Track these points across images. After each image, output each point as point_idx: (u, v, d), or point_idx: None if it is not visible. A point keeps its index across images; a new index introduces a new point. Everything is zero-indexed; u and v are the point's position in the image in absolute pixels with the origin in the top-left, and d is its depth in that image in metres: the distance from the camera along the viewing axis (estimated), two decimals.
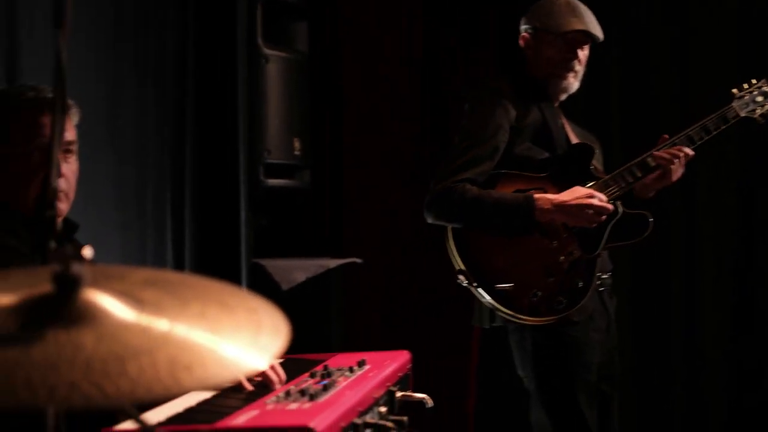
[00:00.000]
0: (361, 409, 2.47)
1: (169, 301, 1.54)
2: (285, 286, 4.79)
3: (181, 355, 1.40)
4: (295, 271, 4.92)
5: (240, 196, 4.91)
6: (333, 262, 5.13)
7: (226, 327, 1.50)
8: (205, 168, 4.86)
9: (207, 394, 2.63)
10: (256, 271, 4.87)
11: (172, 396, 1.37)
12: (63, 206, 2.83)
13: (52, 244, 1.96)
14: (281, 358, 3.12)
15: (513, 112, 3.84)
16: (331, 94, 5.53)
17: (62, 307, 1.45)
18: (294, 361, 3.06)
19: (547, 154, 3.87)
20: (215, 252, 4.85)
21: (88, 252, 1.51)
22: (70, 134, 2.85)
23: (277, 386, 2.68)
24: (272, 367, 2.75)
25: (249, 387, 2.69)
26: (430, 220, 3.79)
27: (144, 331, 1.44)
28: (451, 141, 3.87)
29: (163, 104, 4.66)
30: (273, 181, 5.00)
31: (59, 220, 2.82)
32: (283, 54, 5.07)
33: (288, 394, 2.48)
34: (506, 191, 3.78)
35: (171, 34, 4.72)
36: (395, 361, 3.00)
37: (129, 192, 4.38)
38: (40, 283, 1.52)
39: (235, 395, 2.61)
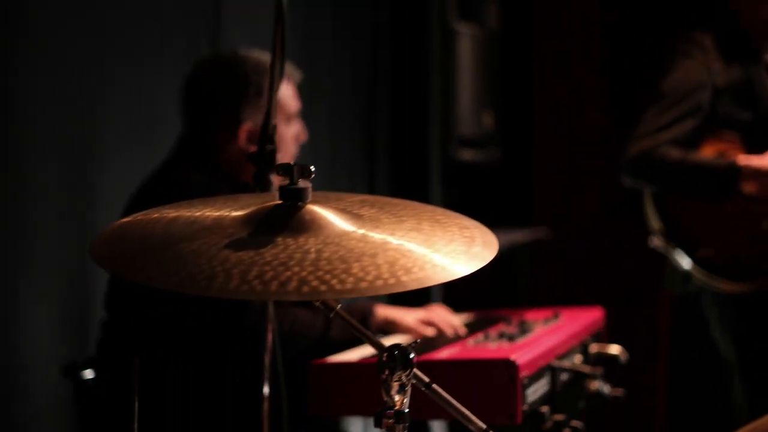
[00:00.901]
0: (558, 353, 2.52)
1: (385, 217, 1.64)
2: None
3: (400, 259, 1.50)
4: None
5: (431, 170, 5.00)
6: (522, 235, 5.18)
7: (440, 239, 1.58)
8: (397, 141, 4.97)
9: (406, 338, 2.73)
10: None
11: (391, 291, 1.45)
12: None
13: (273, 176, 2.10)
14: (474, 315, 3.20)
15: (716, 68, 3.69)
16: (522, 70, 5.57)
17: (289, 217, 1.57)
18: (488, 316, 3.13)
19: (750, 115, 3.76)
20: None
21: (311, 170, 1.62)
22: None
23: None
24: (447, 323, 2.81)
25: (450, 333, 2.76)
26: (627, 183, 3.71)
27: (364, 239, 1.54)
28: (648, 100, 3.79)
29: (357, 80, 4.79)
30: (464, 155, 5.08)
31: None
32: (474, 30, 5.15)
33: (487, 336, 2.56)
34: (708, 152, 3.68)
35: (365, 11, 4.84)
36: (589, 316, 3.04)
37: (323, 164, 4.51)
38: (267, 201, 1.64)
39: (434, 339, 2.70)
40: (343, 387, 2.32)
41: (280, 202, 1.60)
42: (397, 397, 1.59)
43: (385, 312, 2.79)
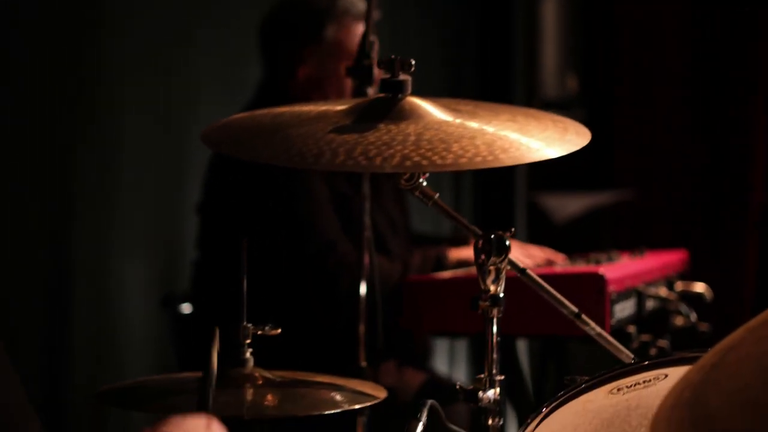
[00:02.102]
0: (645, 279, 2.57)
1: (481, 111, 1.71)
2: (559, 218, 4.91)
3: (497, 141, 1.57)
4: (570, 203, 5.03)
5: None
6: (605, 197, 5.21)
7: (534, 129, 1.65)
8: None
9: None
10: (532, 202, 4.99)
11: (489, 166, 1.51)
12: None
13: (369, 90, 2.18)
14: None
15: None
16: (605, 32, 5.59)
17: (390, 108, 1.64)
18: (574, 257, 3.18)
19: None
20: (492, 185, 4.99)
21: (411, 63, 1.70)
22: None
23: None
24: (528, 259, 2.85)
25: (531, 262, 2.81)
26: None
27: (462, 126, 1.61)
28: None
29: (442, 43, 4.83)
30: None
31: None
32: None
33: (574, 260, 2.61)
34: None
35: None
36: (674, 256, 3.07)
37: None
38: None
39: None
40: (434, 303, 2.40)
41: (381, 95, 1.67)
42: (492, 286, 1.66)
43: (458, 253, 2.85)
